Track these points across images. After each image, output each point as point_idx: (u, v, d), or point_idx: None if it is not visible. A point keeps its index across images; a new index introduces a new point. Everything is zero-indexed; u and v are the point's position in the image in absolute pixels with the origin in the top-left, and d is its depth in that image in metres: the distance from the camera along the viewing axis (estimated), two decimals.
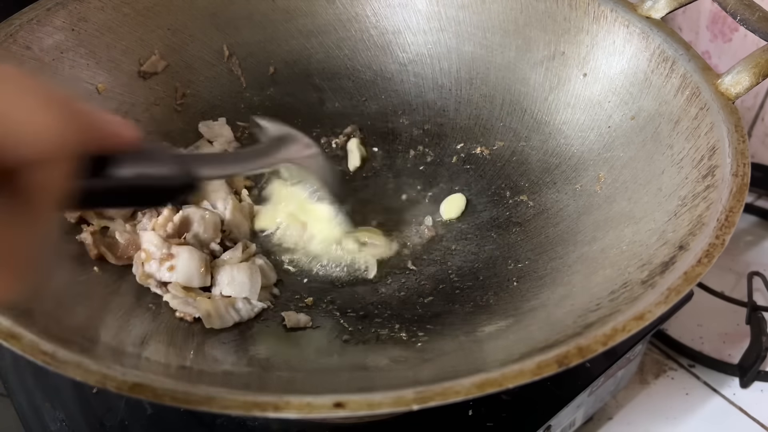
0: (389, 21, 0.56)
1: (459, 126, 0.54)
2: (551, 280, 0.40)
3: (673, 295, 0.29)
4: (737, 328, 0.60)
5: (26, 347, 0.28)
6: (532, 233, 0.45)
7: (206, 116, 0.53)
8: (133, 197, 0.28)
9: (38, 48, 0.45)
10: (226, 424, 0.43)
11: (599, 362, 0.46)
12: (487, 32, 0.53)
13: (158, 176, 0.27)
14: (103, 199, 0.27)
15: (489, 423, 0.43)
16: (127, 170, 0.26)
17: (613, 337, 0.28)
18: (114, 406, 0.44)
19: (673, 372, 0.58)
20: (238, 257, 0.44)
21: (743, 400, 0.56)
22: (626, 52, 0.45)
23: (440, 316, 0.41)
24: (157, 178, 0.27)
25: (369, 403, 0.25)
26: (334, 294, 0.44)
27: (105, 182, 0.25)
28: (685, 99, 0.41)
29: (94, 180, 0.25)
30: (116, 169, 0.25)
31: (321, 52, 0.56)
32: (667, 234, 0.35)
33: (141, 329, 0.36)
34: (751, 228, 0.69)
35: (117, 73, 0.49)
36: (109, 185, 0.26)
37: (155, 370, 0.31)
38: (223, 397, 0.26)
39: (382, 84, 0.56)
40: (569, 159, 0.47)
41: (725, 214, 0.32)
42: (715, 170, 0.35)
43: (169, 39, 0.52)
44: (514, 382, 0.26)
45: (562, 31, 0.49)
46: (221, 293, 0.42)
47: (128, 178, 0.26)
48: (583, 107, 0.47)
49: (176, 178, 0.28)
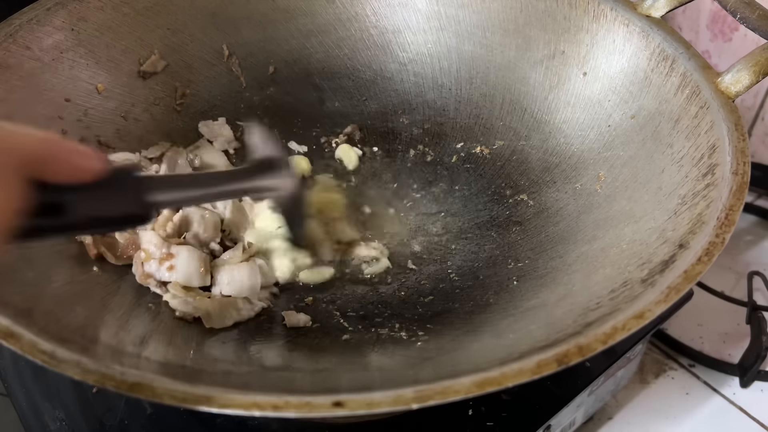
0: (389, 20, 0.56)
1: (459, 125, 0.54)
2: (551, 279, 0.40)
3: (674, 293, 0.29)
4: (737, 328, 0.60)
5: (25, 346, 0.28)
6: (532, 232, 0.45)
7: (206, 116, 0.53)
8: (80, 229, 0.28)
9: (38, 48, 0.45)
10: (225, 423, 0.43)
11: (599, 362, 0.46)
12: (487, 31, 0.53)
13: (109, 215, 0.27)
14: (47, 233, 0.27)
15: (489, 422, 0.43)
16: (80, 207, 0.26)
17: (613, 335, 0.28)
18: (114, 406, 0.44)
19: (673, 372, 0.58)
20: (238, 257, 0.44)
21: (743, 399, 0.56)
22: (626, 51, 0.45)
23: (440, 315, 0.41)
24: (107, 217, 0.27)
25: (368, 402, 0.25)
26: (334, 294, 0.44)
27: (52, 221, 0.25)
28: (685, 98, 0.40)
29: (39, 219, 0.25)
30: (68, 205, 0.25)
31: (321, 52, 0.56)
32: (667, 232, 0.35)
33: (140, 329, 0.36)
34: (751, 227, 0.69)
35: (117, 73, 0.49)
36: (55, 224, 0.26)
37: (155, 369, 0.31)
38: (223, 396, 0.26)
39: (382, 83, 0.56)
40: (569, 158, 0.47)
41: (725, 213, 0.32)
42: (715, 169, 0.35)
43: (169, 39, 0.52)
44: (513, 381, 0.26)
45: (562, 30, 0.49)
46: (221, 293, 0.41)
47: (78, 217, 0.26)
48: (583, 106, 0.47)
49: (128, 214, 0.28)
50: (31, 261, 0.37)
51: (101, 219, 0.27)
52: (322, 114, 0.56)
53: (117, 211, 0.27)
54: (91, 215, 0.27)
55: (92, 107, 0.47)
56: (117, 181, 0.28)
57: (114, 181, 0.27)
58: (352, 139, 0.55)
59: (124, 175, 0.28)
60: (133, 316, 0.38)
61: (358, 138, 0.55)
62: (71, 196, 0.26)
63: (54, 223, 0.26)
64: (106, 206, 0.27)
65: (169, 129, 0.51)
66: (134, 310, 0.38)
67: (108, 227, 0.29)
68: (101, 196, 0.27)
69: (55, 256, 0.39)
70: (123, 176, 0.28)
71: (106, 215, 0.27)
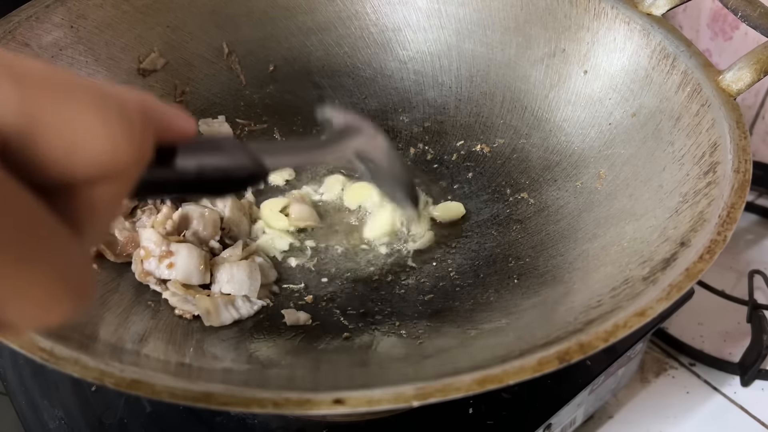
0: (389, 18, 0.55)
1: (459, 123, 0.54)
2: (552, 278, 0.40)
3: (675, 291, 0.29)
4: (738, 327, 0.60)
5: (24, 343, 0.28)
6: (533, 231, 0.45)
7: (206, 114, 0.53)
8: (196, 187, 0.26)
9: (37, 45, 0.45)
10: (225, 422, 0.43)
11: (600, 360, 0.46)
12: (488, 29, 0.52)
13: (223, 167, 0.26)
14: (164, 189, 0.26)
15: (489, 421, 0.43)
16: (190, 161, 0.25)
17: (615, 333, 0.27)
18: (113, 405, 0.44)
19: (673, 370, 0.58)
20: (237, 255, 0.43)
21: (744, 398, 0.55)
22: (627, 49, 0.45)
23: (440, 313, 0.41)
24: (221, 168, 0.26)
25: (369, 399, 0.25)
26: (334, 292, 0.44)
27: (166, 173, 0.24)
28: (686, 96, 0.40)
29: (155, 170, 0.23)
30: (179, 160, 0.24)
31: (321, 50, 0.56)
32: (668, 231, 0.35)
33: (140, 326, 0.36)
34: (751, 226, 0.69)
35: (116, 71, 0.49)
36: (170, 177, 0.24)
37: (154, 366, 0.31)
38: (222, 394, 0.26)
39: (382, 81, 0.56)
40: (570, 156, 0.47)
41: (727, 211, 0.32)
42: (717, 167, 0.35)
43: (169, 36, 0.52)
44: (514, 378, 0.26)
45: (563, 28, 0.49)
46: (221, 291, 0.41)
47: (191, 168, 0.25)
48: (584, 104, 0.47)
49: (242, 168, 0.27)
50: None
51: (217, 171, 0.26)
52: None
53: (232, 163, 0.26)
54: (206, 166, 0.25)
55: None
56: (221, 142, 0.27)
57: (218, 142, 0.27)
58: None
59: (227, 139, 0.28)
60: (133, 313, 0.37)
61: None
62: (183, 149, 0.25)
63: (169, 176, 0.24)
64: (218, 159, 0.26)
65: None
66: (133, 308, 0.38)
67: (224, 185, 0.28)
68: (211, 150, 0.26)
69: None
70: (226, 139, 0.28)
71: (221, 166, 0.26)
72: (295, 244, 0.47)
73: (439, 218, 0.48)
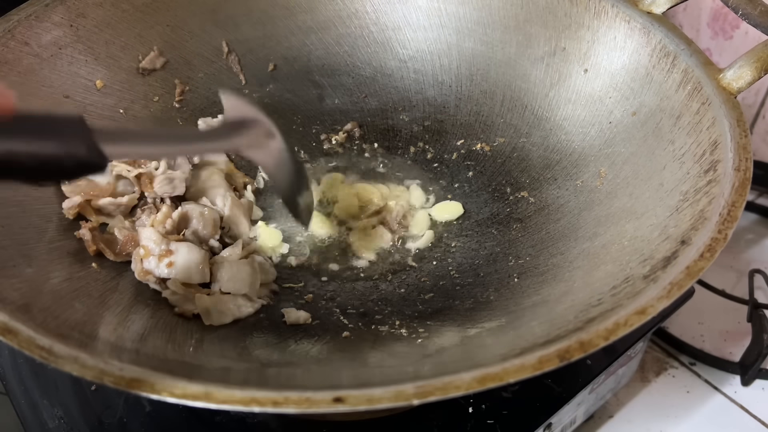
0: (389, 17, 0.55)
1: (459, 122, 0.54)
2: (552, 276, 0.40)
3: (675, 289, 0.29)
4: (738, 326, 0.60)
5: (23, 342, 0.28)
6: (533, 229, 0.45)
7: (205, 113, 0.53)
8: (16, 170, 0.24)
9: (36, 44, 0.44)
10: (225, 421, 0.43)
11: (600, 360, 0.46)
12: (488, 28, 0.52)
13: (40, 154, 0.24)
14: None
15: (489, 420, 0.43)
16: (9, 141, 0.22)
17: (615, 331, 0.27)
18: (113, 404, 0.44)
19: (674, 370, 0.58)
20: (237, 254, 0.43)
21: (744, 398, 0.55)
22: (627, 48, 0.45)
23: (441, 312, 0.41)
24: (37, 156, 0.24)
25: (369, 397, 0.25)
26: (333, 291, 0.44)
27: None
28: (686, 94, 0.40)
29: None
30: None
31: (321, 49, 0.56)
32: (668, 229, 0.35)
33: (140, 325, 0.36)
34: (752, 226, 0.69)
35: (116, 70, 0.49)
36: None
37: (154, 365, 0.30)
38: (222, 392, 0.25)
39: (382, 80, 0.56)
40: (570, 155, 0.47)
41: (727, 209, 0.32)
42: (717, 165, 0.35)
43: (168, 35, 0.52)
44: (515, 376, 0.26)
45: (563, 26, 0.49)
46: (220, 290, 0.41)
47: (11, 150, 0.22)
48: (584, 103, 0.47)
49: (68, 157, 0.24)
50: (29, 257, 0.37)
51: (31, 158, 0.24)
52: (321, 111, 0.56)
53: (53, 151, 0.24)
54: (17, 152, 0.23)
55: (91, 104, 0.47)
56: (49, 123, 0.25)
57: (46, 123, 0.24)
58: (351, 136, 0.54)
59: (69, 120, 0.25)
60: (132, 312, 0.37)
61: (358, 135, 0.55)
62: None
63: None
64: (35, 146, 0.24)
65: (168, 126, 0.51)
66: (133, 307, 0.38)
67: (52, 172, 0.25)
68: (29, 133, 0.23)
69: (53, 253, 0.39)
70: (67, 120, 0.25)
71: (38, 153, 0.24)
72: (295, 245, 0.47)
73: (439, 217, 0.49)
